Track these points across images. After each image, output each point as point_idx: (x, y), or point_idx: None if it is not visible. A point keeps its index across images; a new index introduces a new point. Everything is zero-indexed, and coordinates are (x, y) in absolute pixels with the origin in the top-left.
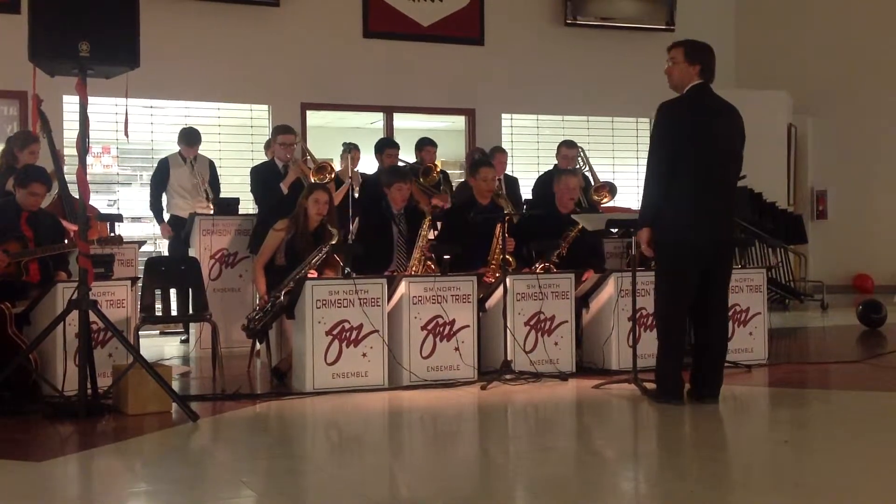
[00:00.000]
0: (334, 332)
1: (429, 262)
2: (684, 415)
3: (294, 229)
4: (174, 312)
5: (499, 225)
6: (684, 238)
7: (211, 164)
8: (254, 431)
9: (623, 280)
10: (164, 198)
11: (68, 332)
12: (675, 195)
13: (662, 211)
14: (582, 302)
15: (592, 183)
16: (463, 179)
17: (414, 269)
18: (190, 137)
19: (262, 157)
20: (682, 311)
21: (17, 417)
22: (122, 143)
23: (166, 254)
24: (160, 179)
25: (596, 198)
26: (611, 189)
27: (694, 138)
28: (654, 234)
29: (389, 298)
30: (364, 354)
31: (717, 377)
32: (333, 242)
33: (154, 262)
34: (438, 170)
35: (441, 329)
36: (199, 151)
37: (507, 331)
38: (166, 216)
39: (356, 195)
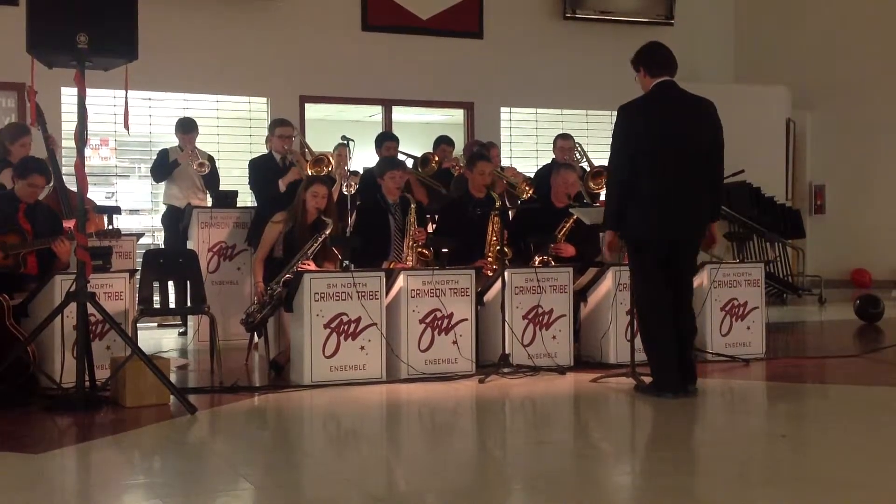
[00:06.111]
0: (332, 326)
1: (422, 251)
2: (681, 409)
3: (292, 222)
4: (172, 305)
5: (493, 216)
6: (646, 238)
7: (210, 159)
8: (252, 424)
9: (621, 274)
10: (163, 185)
11: (66, 325)
12: (637, 197)
13: (627, 212)
14: (580, 296)
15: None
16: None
17: (407, 258)
18: (186, 126)
19: (260, 150)
20: (656, 305)
21: (15, 410)
22: (120, 136)
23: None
24: (164, 166)
25: (593, 185)
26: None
27: (651, 139)
28: (619, 236)
29: (388, 292)
30: (362, 347)
31: (690, 367)
32: (328, 231)
33: (152, 255)
34: (438, 163)
35: (439, 322)
36: (197, 144)
37: (506, 324)
38: (162, 207)
39: (346, 191)
